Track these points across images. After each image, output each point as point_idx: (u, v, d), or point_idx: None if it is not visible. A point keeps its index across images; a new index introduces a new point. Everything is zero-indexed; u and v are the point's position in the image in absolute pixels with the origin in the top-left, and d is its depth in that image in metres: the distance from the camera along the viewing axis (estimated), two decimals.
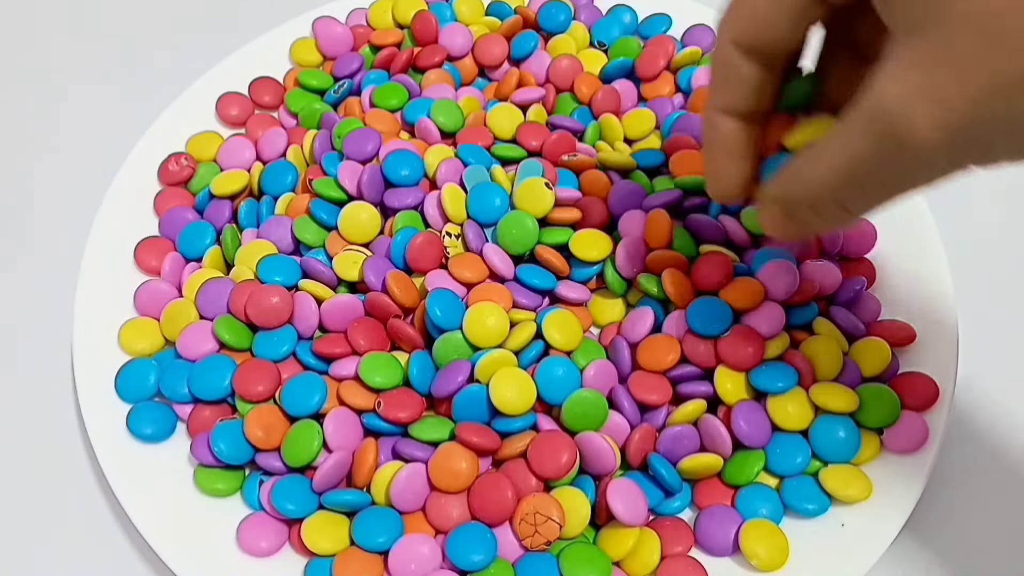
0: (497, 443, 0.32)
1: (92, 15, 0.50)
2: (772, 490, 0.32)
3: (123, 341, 0.36)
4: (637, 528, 0.31)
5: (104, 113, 0.46)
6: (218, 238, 0.38)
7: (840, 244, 0.37)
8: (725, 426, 0.32)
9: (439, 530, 0.32)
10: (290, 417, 0.33)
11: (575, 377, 0.33)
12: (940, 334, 0.35)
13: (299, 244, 0.37)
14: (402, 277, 0.35)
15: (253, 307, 0.34)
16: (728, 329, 0.33)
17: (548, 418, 0.33)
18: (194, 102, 0.43)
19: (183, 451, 0.34)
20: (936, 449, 0.32)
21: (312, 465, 0.32)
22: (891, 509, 0.32)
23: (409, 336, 0.34)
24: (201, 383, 0.34)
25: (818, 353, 0.33)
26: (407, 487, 0.31)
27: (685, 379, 0.33)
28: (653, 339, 0.34)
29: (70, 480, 0.36)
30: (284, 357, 0.34)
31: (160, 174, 0.41)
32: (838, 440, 0.32)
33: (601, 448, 0.31)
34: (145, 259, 0.38)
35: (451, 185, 0.36)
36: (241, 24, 0.47)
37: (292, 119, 0.42)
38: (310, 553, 0.31)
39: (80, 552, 0.34)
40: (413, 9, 0.44)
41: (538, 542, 0.31)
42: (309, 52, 0.44)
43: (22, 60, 0.48)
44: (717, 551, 0.32)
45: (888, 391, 0.33)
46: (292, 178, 0.38)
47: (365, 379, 0.33)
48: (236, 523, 0.32)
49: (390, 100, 0.41)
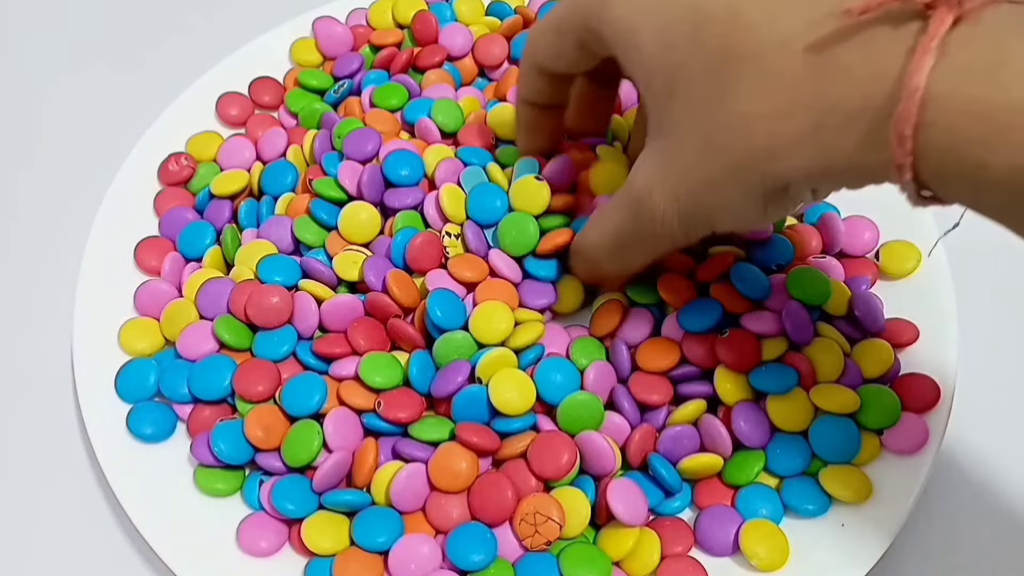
0: (497, 443, 0.32)
1: (92, 15, 0.50)
2: (772, 490, 0.32)
3: (123, 341, 0.36)
4: (637, 528, 0.31)
5: (104, 113, 0.46)
6: (218, 238, 0.38)
7: (841, 243, 0.37)
8: (725, 426, 0.32)
9: (439, 530, 0.32)
10: (290, 417, 0.33)
11: (575, 378, 0.33)
12: (940, 334, 0.35)
13: (299, 244, 0.37)
14: (402, 277, 0.34)
15: (253, 307, 0.34)
16: (727, 330, 0.33)
17: (548, 419, 0.33)
18: (194, 102, 0.42)
19: (183, 451, 0.34)
20: (936, 450, 0.32)
21: (312, 465, 0.32)
22: (891, 509, 0.32)
23: (409, 336, 0.34)
24: (201, 383, 0.34)
25: (819, 354, 0.33)
26: (407, 487, 0.31)
27: (685, 379, 0.33)
28: (653, 341, 0.34)
29: (70, 480, 0.36)
30: (284, 357, 0.34)
31: (160, 174, 0.41)
32: (838, 441, 0.32)
33: (601, 448, 0.31)
34: (145, 259, 0.38)
35: (449, 186, 0.36)
36: (241, 24, 0.47)
37: (292, 119, 0.42)
38: (310, 553, 0.31)
39: (80, 552, 0.34)
40: (413, 9, 0.44)
41: (538, 542, 0.31)
42: (309, 52, 0.44)
43: (22, 60, 0.48)
44: (717, 551, 0.32)
45: (888, 392, 0.33)
46: (292, 178, 0.38)
47: (365, 379, 0.33)
48: (236, 523, 0.32)
49: (390, 100, 0.40)
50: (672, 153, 0.27)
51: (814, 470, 0.33)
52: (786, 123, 0.24)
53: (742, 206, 0.26)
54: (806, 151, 0.24)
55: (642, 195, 0.28)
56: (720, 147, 0.25)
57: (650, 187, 0.28)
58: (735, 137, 0.25)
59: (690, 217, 0.28)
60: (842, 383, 0.33)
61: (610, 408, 0.33)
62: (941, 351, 0.35)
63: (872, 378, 0.34)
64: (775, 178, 0.25)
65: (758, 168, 0.25)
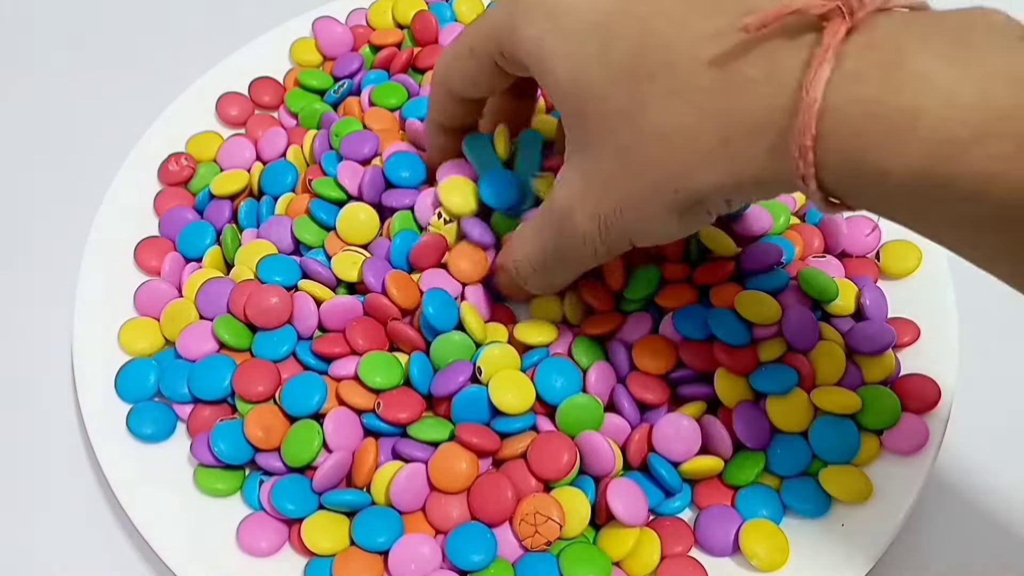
0: (497, 444, 0.32)
1: (92, 15, 0.50)
2: (772, 491, 0.32)
3: (123, 341, 0.36)
4: (637, 528, 0.31)
5: (104, 113, 0.46)
6: (218, 238, 0.38)
7: (842, 243, 0.37)
8: (725, 427, 0.32)
9: (439, 530, 0.32)
10: (290, 417, 0.33)
11: (575, 379, 0.33)
12: (940, 334, 0.35)
13: (299, 244, 0.37)
14: (402, 279, 0.34)
15: (253, 307, 0.34)
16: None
17: (548, 419, 0.33)
18: (194, 102, 0.42)
19: (183, 451, 0.34)
20: (936, 450, 0.32)
21: (312, 465, 0.32)
22: (891, 510, 0.32)
23: (409, 338, 0.34)
24: (201, 383, 0.34)
25: (820, 357, 0.33)
26: (407, 487, 0.31)
27: (685, 381, 0.33)
28: (650, 340, 0.34)
29: (70, 480, 0.36)
30: (284, 357, 0.34)
31: (160, 174, 0.41)
32: (838, 441, 0.32)
33: (601, 448, 0.31)
34: (145, 259, 0.38)
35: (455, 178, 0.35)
36: (241, 24, 0.47)
37: (292, 119, 0.42)
38: (310, 553, 0.31)
39: (80, 552, 0.34)
40: (413, 9, 0.44)
41: (538, 542, 0.31)
42: (309, 52, 0.44)
43: (22, 60, 0.48)
44: (717, 551, 0.32)
45: (889, 393, 0.33)
46: (292, 178, 0.38)
47: (365, 379, 0.33)
48: (236, 523, 0.32)
49: (389, 99, 0.40)
50: (591, 172, 0.27)
51: (814, 471, 0.32)
52: (697, 138, 0.24)
53: (660, 222, 0.27)
54: (718, 165, 0.24)
55: (564, 214, 0.29)
56: (637, 164, 0.26)
57: (571, 206, 0.28)
58: (651, 154, 0.25)
59: (611, 233, 0.28)
60: (842, 384, 0.33)
61: (610, 409, 0.33)
62: (941, 351, 0.35)
63: (873, 382, 0.34)
64: (690, 193, 0.25)
65: (674, 184, 0.25)
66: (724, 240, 0.35)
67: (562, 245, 0.30)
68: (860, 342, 0.34)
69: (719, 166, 0.24)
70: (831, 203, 0.24)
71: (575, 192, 0.28)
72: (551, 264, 0.31)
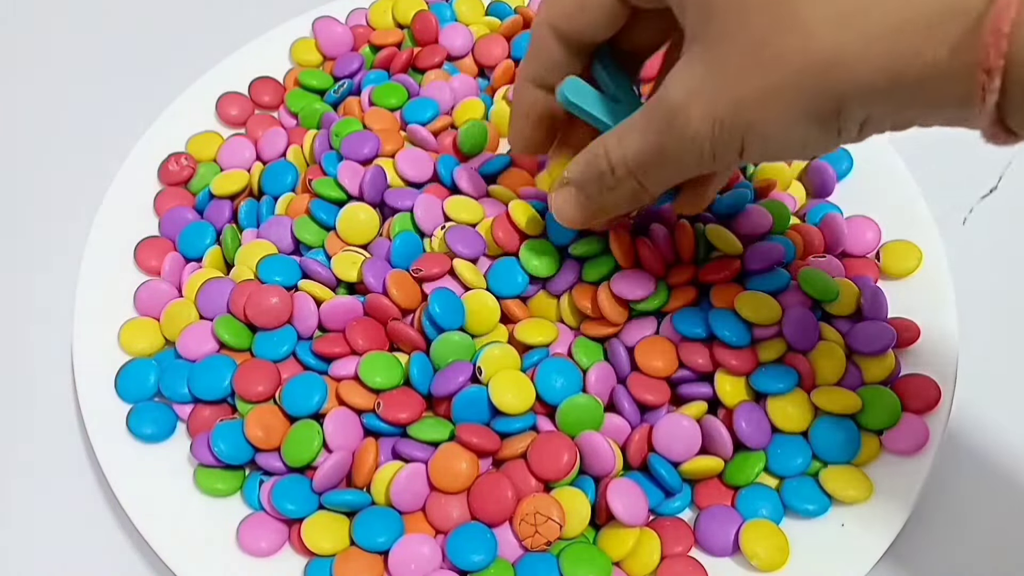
0: (497, 444, 0.32)
1: (92, 15, 0.50)
2: (772, 490, 0.32)
3: (123, 341, 0.36)
4: (637, 528, 0.31)
5: (104, 113, 0.46)
6: (218, 238, 0.38)
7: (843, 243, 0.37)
8: (726, 427, 0.32)
9: (439, 530, 0.32)
10: (290, 417, 0.33)
11: (575, 379, 0.33)
12: (940, 334, 0.35)
13: (299, 244, 0.37)
14: (402, 279, 0.34)
15: (253, 307, 0.34)
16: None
17: (548, 419, 0.33)
18: (194, 102, 0.43)
19: (183, 451, 0.34)
20: (935, 450, 0.32)
21: (312, 465, 0.32)
22: (891, 509, 0.32)
23: (409, 338, 0.34)
24: (201, 383, 0.34)
25: (820, 358, 0.33)
26: (407, 487, 0.31)
27: (685, 381, 0.33)
28: (650, 340, 0.34)
29: (70, 480, 0.36)
30: (284, 357, 0.34)
31: (160, 174, 0.41)
32: (838, 441, 0.32)
33: (601, 449, 0.31)
34: (145, 259, 0.38)
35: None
36: (241, 24, 0.47)
37: (292, 119, 0.42)
38: (310, 553, 0.31)
39: (80, 552, 0.34)
40: (413, 9, 0.44)
41: (538, 542, 0.31)
42: (309, 52, 0.44)
43: (22, 60, 0.48)
44: (717, 551, 0.32)
45: (889, 393, 0.33)
46: (292, 178, 0.38)
47: (365, 379, 0.33)
48: (236, 523, 0.32)
49: (389, 99, 0.41)
50: (716, 61, 0.24)
51: (814, 470, 0.33)
52: (855, 27, 0.21)
53: (783, 129, 0.24)
54: (875, 60, 0.21)
55: (676, 106, 0.25)
56: (773, 54, 0.22)
57: (686, 101, 0.25)
58: (793, 42, 0.22)
59: (724, 136, 0.24)
60: (842, 384, 0.33)
61: (610, 409, 0.33)
62: (941, 351, 0.35)
63: (874, 382, 0.34)
64: (830, 95, 0.22)
65: (814, 81, 0.22)
66: (730, 239, 0.35)
67: (667, 145, 0.26)
68: (860, 342, 0.34)
69: (877, 60, 0.21)
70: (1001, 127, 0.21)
71: (693, 85, 0.24)
72: (650, 168, 0.27)
